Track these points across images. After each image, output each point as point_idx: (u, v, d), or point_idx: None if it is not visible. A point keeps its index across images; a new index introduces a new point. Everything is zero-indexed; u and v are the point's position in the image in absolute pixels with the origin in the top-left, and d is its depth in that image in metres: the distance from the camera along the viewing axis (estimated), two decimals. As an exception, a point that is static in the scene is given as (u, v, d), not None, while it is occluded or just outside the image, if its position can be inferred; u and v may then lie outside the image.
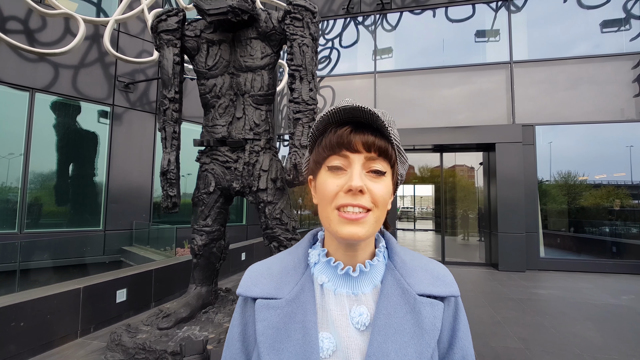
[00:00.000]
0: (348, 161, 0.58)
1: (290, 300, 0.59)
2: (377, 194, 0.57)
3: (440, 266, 0.66)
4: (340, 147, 0.58)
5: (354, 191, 0.55)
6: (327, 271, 0.62)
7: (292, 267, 0.64)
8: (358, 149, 0.57)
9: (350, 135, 0.57)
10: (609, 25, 7.75)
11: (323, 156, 0.60)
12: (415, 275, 0.61)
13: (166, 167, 3.13)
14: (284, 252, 0.69)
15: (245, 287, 0.62)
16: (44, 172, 6.68)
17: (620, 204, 7.54)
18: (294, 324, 0.56)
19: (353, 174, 0.56)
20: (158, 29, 3.20)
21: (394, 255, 0.65)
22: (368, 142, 0.57)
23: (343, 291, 0.60)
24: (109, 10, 7.70)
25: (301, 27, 3.01)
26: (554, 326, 3.99)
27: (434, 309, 0.58)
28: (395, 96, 8.81)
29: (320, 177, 0.61)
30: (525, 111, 7.87)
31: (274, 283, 0.61)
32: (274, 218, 3.08)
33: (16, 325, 2.86)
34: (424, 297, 0.59)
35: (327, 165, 0.59)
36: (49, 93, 6.63)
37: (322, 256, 0.64)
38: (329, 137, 0.59)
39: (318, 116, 0.61)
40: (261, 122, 3.18)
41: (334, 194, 0.57)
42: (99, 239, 7.15)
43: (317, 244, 0.69)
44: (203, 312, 3.24)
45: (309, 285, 0.61)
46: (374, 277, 0.62)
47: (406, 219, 15.54)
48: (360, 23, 9.41)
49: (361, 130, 0.58)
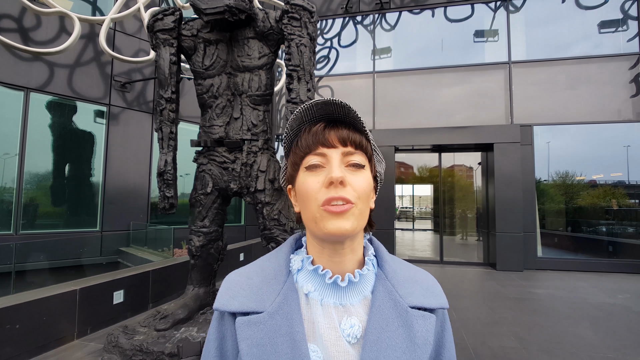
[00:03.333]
0: (326, 158, 0.57)
1: (273, 312, 0.55)
2: (358, 186, 0.56)
3: (429, 276, 0.65)
4: (316, 144, 0.57)
5: (335, 183, 0.54)
6: (313, 280, 0.59)
7: (272, 276, 0.60)
8: (334, 144, 0.57)
9: (324, 131, 0.57)
10: (606, 25, 7.78)
11: (300, 156, 0.59)
12: (407, 287, 0.60)
13: (163, 167, 3.11)
14: (263, 259, 0.65)
15: (223, 302, 0.57)
16: (39, 173, 6.63)
17: (617, 204, 7.58)
18: (280, 338, 0.53)
19: (332, 167, 0.55)
20: (154, 28, 3.17)
21: (384, 264, 0.63)
22: (343, 136, 0.57)
23: (330, 302, 0.57)
24: (104, 9, 7.64)
25: (299, 26, 2.99)
26: (550, 325, 4.01)
27: (426, 322, 0.56)
28: (394, 96, 8.80)
29: (300, 179, 0.59)
30: (523, 111, 7.90)
31: (254, 295, 0.57)
32: (271, 219, 3.07)
33: (12, 328, 2.83)
34: (416, 310, 0.57)
35: (304, 167, 0.58)
36: (44, 93, 6.58)
37: (307, 263, 0.61)
38: (303, 136, 0.59)
39: (290, 117, 0.60)
40: (259, 122, 3.16)
41: (315, 191, 0.55)
42: (95, 240, 7.11)
43: (300, 250, 0.66)
44: (201, 313, 3.22)
45: (293, 295, 0.57)
46: (364, 288, 0.59)
47: (405, 218, 15.55)
48: (359, 22, 9.40)
49: (335, 125, 0.58)
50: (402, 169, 9.60)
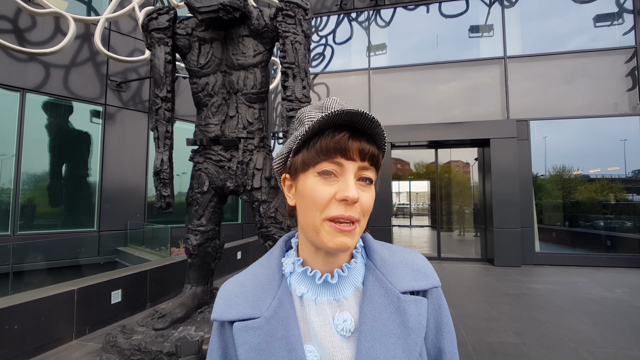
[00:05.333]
0: (341, 168, 0.55)
1: (269, 317, 0.56)
2: (365, 203, 0.56)
3: (419, 257, 0.65)
4: (336, 153, 0.55)
5: (349, 202, 0.53)
6: (305, 281, 0.60)
7: (266, 281, 0.60)
8: (353, 157, 0.55)
9: (348, 141, 0.55)
10: (602, 19, 7.78)
11: (316, 160, 0.56)
12: (396, 272, 0.60)
13: (159, 167, 3.11)
14: (255, 265, 0.66)
15: (220, 312, 0.58)
16: (36, 173, 6.61)
17: (615, 198, 7.61)
18: (276, 342, 0.54)
19: (348, 184, 0.54)
20: (149, 27, 3.16)
21: (373, 254, 0.63)
22: (364, 150, 0.55)
23: (324, 299, 0.58)
24: (99, 9, 7.60)
25: (293, 24, 2.99)
26: (549, 320, 4.02)
27: (418, 306, 0.57)
28: (390, 92, 8.80)
29: (308, 182, 0.57)
30: (519, 106, 7.91)
31: (249, 302, 0.58)
32: (268, 217, 3.07)
33: (10, 329, 2.83)
34: (407, 295, 0.58)
35: (316, 170, 0.56)
36: (40, 93, 6.55)
37: (297, 266, 0.62)
38: (325, 140, 0.55)
39: (317, 115, 0.58)
40: (254, 120, 3.16)
41: (325, 202, 0.54)
42: (93, 240, 7.10)
43: (290, 252, 0.67)
44: (199, 312, 3.23)
45: (287, 298, 0.58)
46: (355, 280, 0.60)
47: (402, 215, 15.57)
48: (353, 19, 9.38)
49: (357, 137, 0.56)
50: (398, 166, 9.60)
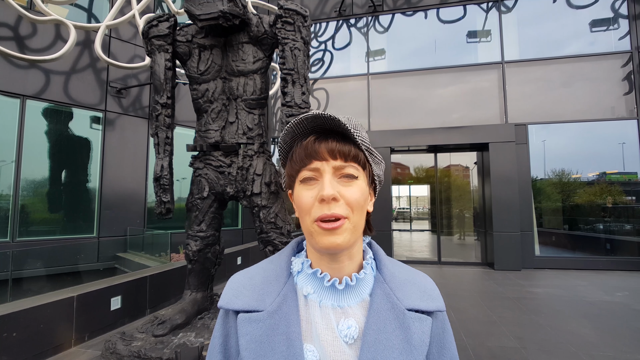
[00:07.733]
0: (319, 172, 0.58)
1: (272, 312, 0.57)
2: (351, 198, 0.57)
3: (427, 279, 0.67)
4: (309, 158, 0.58)
5: (326, 200, 0.55)
6: (313, 282, 0.61)
7: (274, 277, 0.62)
8: (325, 157, 0.57)
9: (315, 144, 0.58)
10: (598, 24, 7.86)
11: (295, 169, 0.60)
12: (404, 290, 0.61)
13: (159, 172, 3.12)
14: (266, 261, 0.68)
15: (227, 300, 0.61)
16: (36, 180, 6.61)
17: (613, 201, 7.62)
18: (277, 336, 0.55)
19: (324, 183, 0.56)
20: (149, 34, 3.19)
21: (383, 268, 0.64)
22: (332, 148, 0.57)
23: (328, 303, 0.59)
24: (100, 16, 7.66)
25: (292, 30, 3.02)
26: (549, 324, 4.02)
27: (422, 324, 0.58)
28: (389, 97, 8.84)
29: (296, 192, 0.61)
30: (517, 110, 7.95)
31: (255, 294, 0.60)
32: (268, 222, 3.08)
33: (9, 336, 2.81)
34: (413, 312, 0.58)
35: (299, 179, 0.60)
36: (40, 100, 6.58)
37: (306, 266, 0.63)
38: (297, 150, 0.60)
39: (283, 131, 0.61)
40: (254, 126, 3.18)
41: (309, 206, 0.57)
42: (92, 246, 7.08)
43: (301, 252, 0.68)
44: (199, 318, 3.22)
45: (292, 295, 0.60)
46: (362, 291, 0.61)
47: (402, 219, 15.54)
48: (352, 25, 9.45)
49: (325, 138, 0.58)
50: (398, 170, 9.61)
